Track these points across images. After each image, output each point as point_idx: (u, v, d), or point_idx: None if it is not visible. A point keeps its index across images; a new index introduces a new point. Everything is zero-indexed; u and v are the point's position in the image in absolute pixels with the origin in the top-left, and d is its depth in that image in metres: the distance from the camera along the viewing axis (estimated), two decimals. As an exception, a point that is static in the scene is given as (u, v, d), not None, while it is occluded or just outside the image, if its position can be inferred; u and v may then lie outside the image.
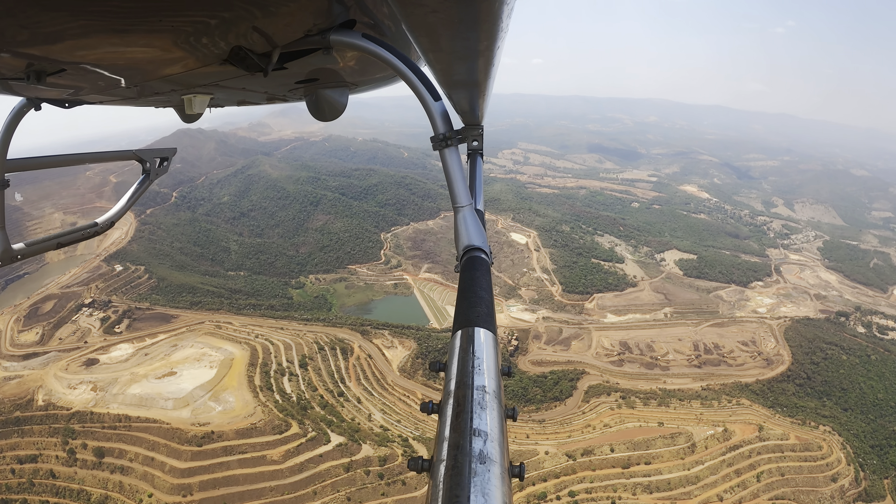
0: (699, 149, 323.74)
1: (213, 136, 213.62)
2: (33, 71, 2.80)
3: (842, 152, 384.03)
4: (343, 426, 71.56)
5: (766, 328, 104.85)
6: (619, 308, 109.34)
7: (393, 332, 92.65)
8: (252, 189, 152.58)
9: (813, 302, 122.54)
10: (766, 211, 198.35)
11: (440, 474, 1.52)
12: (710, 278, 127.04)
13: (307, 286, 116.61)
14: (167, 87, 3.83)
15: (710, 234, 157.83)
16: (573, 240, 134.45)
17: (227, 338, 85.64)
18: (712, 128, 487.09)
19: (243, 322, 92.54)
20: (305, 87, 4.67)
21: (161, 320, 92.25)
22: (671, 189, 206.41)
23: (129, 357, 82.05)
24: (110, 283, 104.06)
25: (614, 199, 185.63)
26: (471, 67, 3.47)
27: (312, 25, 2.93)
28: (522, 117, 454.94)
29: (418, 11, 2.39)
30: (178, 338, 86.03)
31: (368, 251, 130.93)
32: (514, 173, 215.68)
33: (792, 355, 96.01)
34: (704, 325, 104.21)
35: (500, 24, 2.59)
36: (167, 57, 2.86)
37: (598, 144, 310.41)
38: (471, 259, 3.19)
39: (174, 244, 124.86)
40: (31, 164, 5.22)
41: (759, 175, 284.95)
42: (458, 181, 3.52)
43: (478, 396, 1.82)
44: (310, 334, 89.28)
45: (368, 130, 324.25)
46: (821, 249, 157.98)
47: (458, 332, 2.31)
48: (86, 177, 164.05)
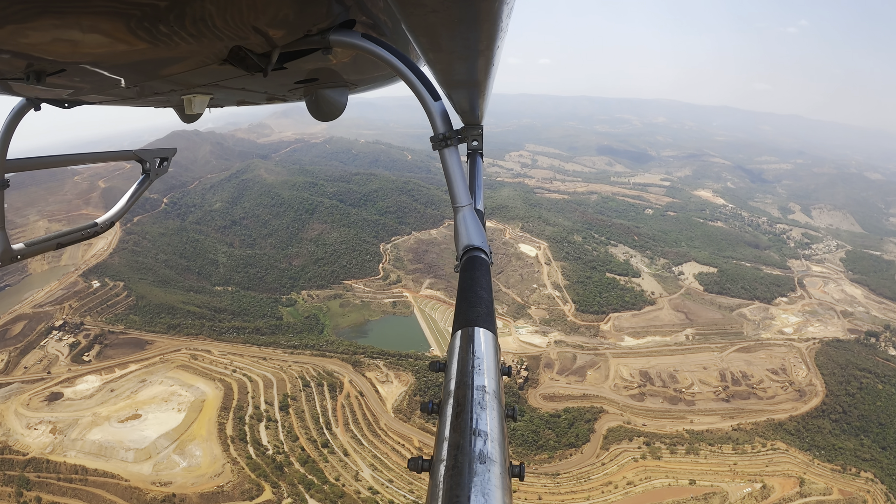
0: (710, 151, 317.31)
1: (209, 138, 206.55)
2: (33, 71, 2.81)
3: (853, 154, 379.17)
4: (325, 490, 62.11)
5: (795, 352, 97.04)
6: (637, 330, 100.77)
7: (389, 363, 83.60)
8: (246, 195, 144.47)
9: (840, 320, 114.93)
10: (783, 218, 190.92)
11: (440, 474, 1.54)
12: (732, 294, 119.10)
13: (299, 303, 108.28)
14: (167, 87, 3.85)
15: (728, 244, 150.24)
16: (586, 251, 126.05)
17: (201, 372, 77.18)
18: (721, 129, 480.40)
19: (223, 350, 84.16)
20: (305, 87, 4.66)
21: (134, 347, 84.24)
22: (685, 194, 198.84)
23: (94, 392, 74.11)
24: (85, 301, 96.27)
25: (627, 205, 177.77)
26: (470, 67, 3.53)
27: (312, 25, 2.94)
28: (529, 118, 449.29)
29: (418, 11, 2.43)
30: (149, 370, 77.77)
31: (366, 265, 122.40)
32: (522, 177, 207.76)
33: (825, 385, 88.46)
34: (730, 349, 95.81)
35: (499, 23, 2.63)
36: (167, 57, 2.90)
37: (607, 146, 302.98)
38: (471, 259, 3.20)
39: (159, 256, 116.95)
40: (31, 164, 5.24)
41: (773, 178, 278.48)
42: (457, 181, 3.49)
43: (478, 396, 1.85)
44: (295, 366, 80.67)
45: (372, 131, 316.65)
46: (843, 260, 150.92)
47: (457, 332, 2.37)
48: (74, 182, 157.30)
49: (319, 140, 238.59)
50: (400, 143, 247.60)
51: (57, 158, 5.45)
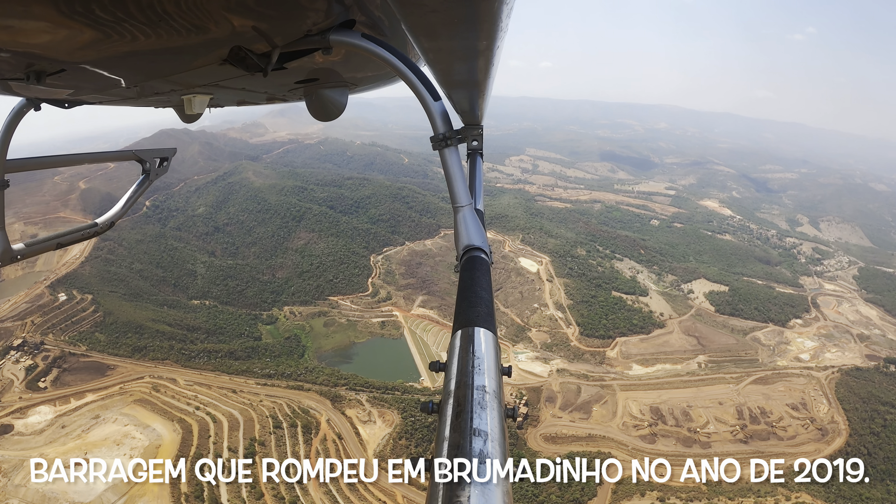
0: (714, 158, 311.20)
1: (198, 138, 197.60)
2: (33, 71, 2.84)
3: (856, 164, 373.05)
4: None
5: (814, 384, 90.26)
6: (645, 356, 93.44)
7: (372, 399, 74.97)
8: (231, 199, 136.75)
9: (857, 344, 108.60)
10: (791, 230, 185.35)
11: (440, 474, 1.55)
12: (745, 316, 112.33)
13: (280, 321, 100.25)
14: (167, 88, 3.89)
15: (738, 260, 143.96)
16: (590, 267, 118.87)
17: (160, 409, 68.54)
18: (724, 136, 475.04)
19: (189, 379, 75.80)
20: (305, 86, 4.67)
21: (94, 372, 76.23)
22: (691, 204, 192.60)
23: (45, 427, 66.06)
24: (49, 317, 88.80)
25: (632, 215, 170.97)
26: (471, 67, 3.55)
27: (312, 25, 2.95)
28: (530, 121, 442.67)
29: (418, 11, 2.46)
30: (105, 404, 69.47)
31: (353, 279, 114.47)
32: (523, 183, 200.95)
33: (848, 422, 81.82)
34: (747, 381, 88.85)
35: (499, 23, 2.66)
36: (167, 57, 2.93)
37: (609, 152, 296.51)
38: (471, 259, 3.24)
39: (134, 266, 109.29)
40: (31, 164, 5.30)
41: (779, 188, 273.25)
42: (457, 181, 3.53)
43: (478, 396, 1.85)
44: (267, 401, 72.12)
45: (369, 133, 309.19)
46: (856, 278, 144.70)
47: (457, 331, 2.39)
48: (53, 182, 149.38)
49: (314, 141, 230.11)
50: (397, 146, 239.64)
51: (57, 158, 5.46)
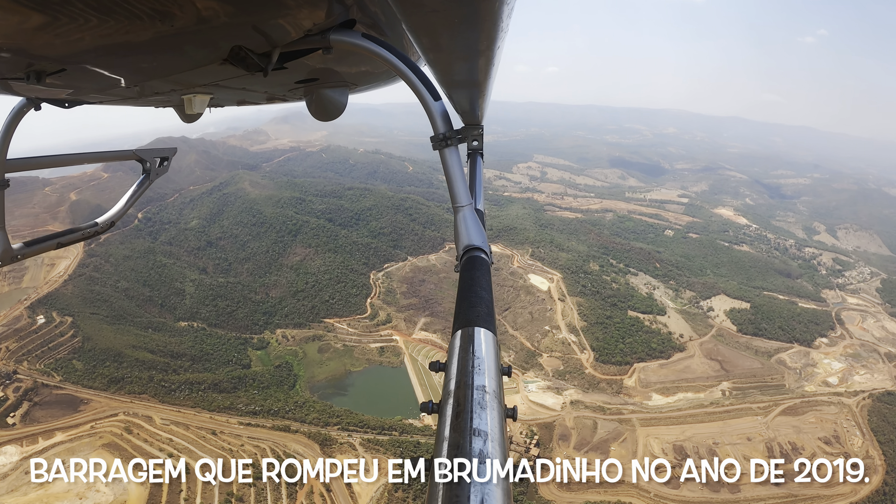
0: (724, 164, 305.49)
1: (196, 146, 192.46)
2: (33, 71, 2.85)
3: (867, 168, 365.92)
4: None
5: (846, 413, 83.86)
6: (666, 385, 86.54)
7: (366, 442, 67.77)
8: (226, 212, 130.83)
9: (885, 364, 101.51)
10: (808, 239, 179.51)
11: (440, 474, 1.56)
12: (769, 336, 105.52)
13: (272, 346, 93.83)
14: (167, 87, 3.89)
15: (758, 273, 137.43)
16: (604, 284, 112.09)
17: (129, 455, 61.15)
18: (733, 140, 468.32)
19: (166, 417, 69.24)
20: (305, 86, 4.67)
21: (67, 406, 70.09)
22: (705, 212, 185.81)
23: (10, 470, 59.91)
24: (25, 342, 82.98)
25: (645, 225, 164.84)
26: (471, 67, 3.59)
27: (312, 25, 2.95)
28: (537, 127, 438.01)
29: (418, 11, 2.50)
30: (73, 447, 62.96)
31: (351, 300, 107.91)
32: (531, 191, 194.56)
33: (884, 458, 75.32)
34: (775, 411, 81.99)
35: (500, 23, 2.69)
36: (167, 57, 2.94)
37: (619, 158, 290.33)
38: (471, 259, 3.25)
39: (119, 284, 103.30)
40: (31, 164, 5.30)
41: (792, 194, 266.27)
42: (458, 181, 3.53)
43: (478, 396, 1.86)
44: (249, 445, 65.15)
45: (374, 139, 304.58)
46: (880, 291, 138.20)
47: (457, 332, 2.41)
48: (44, 193, 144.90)
49: (316, 148, 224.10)
50: (402, 153, 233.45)
51: (57, 158, 5.43)
